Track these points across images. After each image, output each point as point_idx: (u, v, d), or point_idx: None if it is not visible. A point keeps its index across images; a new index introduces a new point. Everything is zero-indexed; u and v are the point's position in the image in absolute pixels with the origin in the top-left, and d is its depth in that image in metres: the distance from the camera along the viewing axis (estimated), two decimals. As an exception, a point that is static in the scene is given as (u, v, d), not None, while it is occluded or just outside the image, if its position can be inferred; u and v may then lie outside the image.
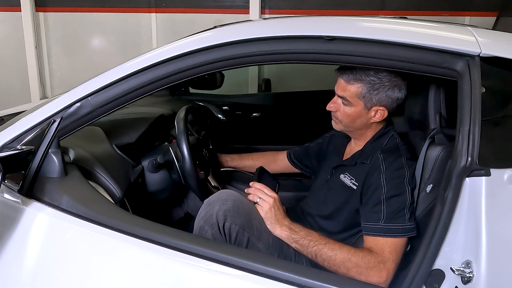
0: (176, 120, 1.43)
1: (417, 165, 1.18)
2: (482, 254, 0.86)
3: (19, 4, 3.83)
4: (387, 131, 1.32)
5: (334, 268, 1.13)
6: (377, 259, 1.10)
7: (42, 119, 1.06)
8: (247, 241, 1.20)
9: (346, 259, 1.11)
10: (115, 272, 0.95)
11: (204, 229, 1.17)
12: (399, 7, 3.57)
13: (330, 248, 1.14)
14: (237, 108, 2.49)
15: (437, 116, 1.15)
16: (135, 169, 1.37)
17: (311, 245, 1.17)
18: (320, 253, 1.15)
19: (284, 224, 1.22)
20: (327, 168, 1.45)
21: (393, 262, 1.10)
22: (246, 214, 1.21)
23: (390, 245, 1.11)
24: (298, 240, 1.19)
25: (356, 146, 1.37)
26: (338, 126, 1.34)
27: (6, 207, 1.02)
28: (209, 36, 1.09)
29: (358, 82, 1.22)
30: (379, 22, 1.16)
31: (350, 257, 1.11)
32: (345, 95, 1.25)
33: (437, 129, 1.14)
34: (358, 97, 1.24)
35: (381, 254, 1.11)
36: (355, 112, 1.27)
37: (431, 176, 1.13)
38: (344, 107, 1.28)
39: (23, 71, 4.01)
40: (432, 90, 1.16)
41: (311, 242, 1.17)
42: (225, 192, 1.24)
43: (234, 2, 3.74)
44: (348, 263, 1.11)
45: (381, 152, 1.24)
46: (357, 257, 1.11)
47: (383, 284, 1.09)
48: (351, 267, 1.11)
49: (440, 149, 1.11)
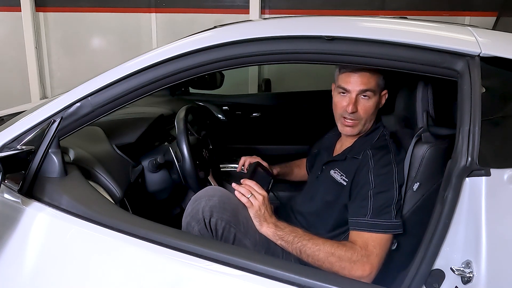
0: (176, 120, 1.43)
1: (404, 163, 1.19)
2: (482, 254, 0.86)
3: (19, 4, 3.83)
4: (377, 127, 1.33)
5: (319, 264, 1.13)
6: (360, 253, 1.11)
7: (42, 119, 1.06)
8: (233, 237, 1.20)
9: (329, 254, 1.12)
10: (115, 272, 0.95)
11: (191, 225, 1.17)
12: (399, 7, 3.57)
13: (314, 243, 1.15)
14: (237, 108, 2.49)
15: (424, 114, 1.16)
16: (135, 169, 1.37)
17: (295, 241, 1.17)
18: (304, 249, 1.15)
19: (270, 222, 1.23)
20: (318, 165, 1.46)
21: (377, 256, 1.11)
22: (233, 210, 1.21)
23: (374, 239, 1.12)
24: (283, 236, 1.19)
25: (347, 142, 1.38)
26: (356, 129, 1.30)
27: (6, 207, 1.02)
28: (209, 36, 1.09)
29: (376, 70, 1.23)
30: (379, 22, 1.16)
31: (333, 251, 1.12)
32: (370, 86, 1.25)
33: (424, 128, 1.14)
34: (378, 84, 1.26)
35: (364, 248, 1.11)
36: (374, 102, 1.28)
37: (418, 174, 1.13)
38: (365, 102, 1.26)
39: (23, 71, 4.01)
40: (420, 88, 1.17)
41: (296, 238, 1.18)
42: (212, 188, 1.25)
43: (234, 2, 3.74)
44: (331, 258, 1.11)
45: (371, 149, 1.25)
46: (340, 251, 1.12)
47: (367, 278, 1.09)
48: (334, 262, 1.11)
49: (426, 147, 1.11)
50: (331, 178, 1.32)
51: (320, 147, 1.57)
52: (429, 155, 1.11)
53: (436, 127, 1.15)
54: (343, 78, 1.27)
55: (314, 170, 1.49)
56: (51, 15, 3.96)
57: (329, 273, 1.11)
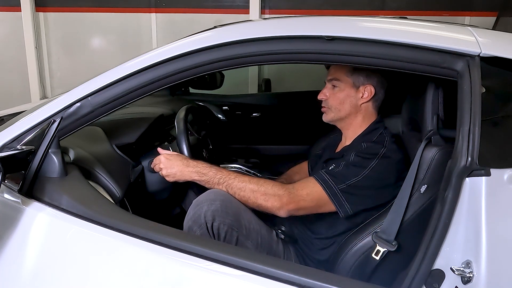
0: (176, 120, 1.43)
1: (412, 165, 1.19)
2: (482, 254, 0.86)
3: (19, 4, 3.83)
4: (376, 128, 1.34)
5: (245, 199, 1.20)
6: (289, 189, 1.17)
7: (42, 119, 1.06)
8: (236, 240, 1.20)
9: (255, 189, 1.19)
10: (115, 272, 0.95)
11: (193, 229, 1.17)
12: (399, 7, 3.57)
13: (240, 180, 1.22)
14: (237, 108, 2.49)
15: (434, 117, 1.15)
16: (135, 169, 1.37)
17: (222, 181, 1.22)
18: (231, 186, 1.21)
19: (190, 165, 1.26)
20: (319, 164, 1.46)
21: (304, 202, 1.17)
22: (235, 214, 1.21)
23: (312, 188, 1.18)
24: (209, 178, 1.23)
25: (346, 141, 1.39)
26: (328, 116, 1.37)
27: (6, 207, 1.02)
28: (209, 36, 1.09)
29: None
30: (379, 22, 1.16)
31: (259, 188, 1.19)
32: (335, 76, 1.32)
33: (434, 130, 1.14)
34: (347, 75, 1.30)
35: (298, 189, 1.18)
36: (345, 93, 1.32)
37: (426, 177, 1.13)
38: (334, 91, 1.33)
39: (23, 71, 4.00)
40: (431, 91, 1.16)
41: (222, 177, 1.23)
42: (213, 192, 1.24)
43: (234, 2, 3.74)
44: (257, 193, 1.19)
45: (365, 141, 1.29)
46: (266, 186, 1.18)
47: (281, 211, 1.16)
48: (259, 196, 1.18)
49: (436, 150, 1.11)
50: None
51: (323, 148, 1.58)
52: (438, 157, 1.10)
53: (445, 129, 1.15)
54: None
55: (315, 170, 1.49)
56: (51, 15, 3.96)
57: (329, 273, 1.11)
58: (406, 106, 1.35)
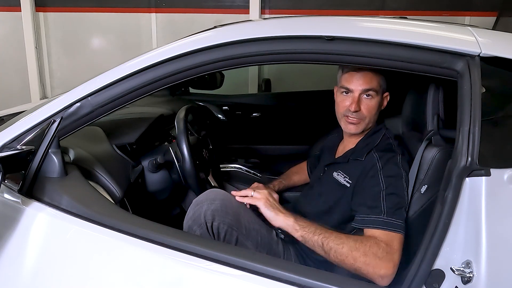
0: (176, 120, 1.43)
1: (413, 166, 1.18)
2: (482, 254, 0.86)
3: (19, 4, 3.84)
4: (378, 129, 1.32)
5: (341, 258, 1.08)
6: (385, 250, 1.06)
7: (42, 119, 1.06)
8: (236, 240, 1.20)
9: (354, 248, 1.07)
10: (115, 272, 0.95)
11: (193, 229, 1.17)
12: (399, 7, 3.57)
13: (337, 236, 1.10)
14: (237, 108, 2.49)
15: (435, 117, 1.15)
16: (135, 169, 1.37)
17: (317, 232, 1.12)
18: (327, 241, 1.10)
19: (287, 212, 1.19)
20: (320, 166, 1.45)
21: (400, 256, 1.07)
22: (235, 213, 1.20)
23: (397, 238, 1.09)
24: (305, 227, 1.14)
25: (349, 144, 1.36)
26: (360, 127, 1.29)
27: (6, 207, 1.02)
28: (209, 36, 1.09)
29: (378, 71, 1.24)
30: (379, 22, 1.16)
31: (358, 246, 1.07)
32: (373, 86, 1.25)
33: (434, 131, 1.14)
34: (380, 84, 1.26)
35: (390, 245, 1.07)
36: (377, 102, 1.28)
37: (426, 177, 1.13)
38: (368, 101, 1.26)
39: (23, 71, 4.01)
40: (431, 91, 1.16)
41: (317, 229, 1.12)
42: (213, 192, 1.23)
43: (234, 2, 3.74)
44: (355, 252, 1.06)
45: (376, 151, 1.24)
46: (365, 246, 1.07)
47: (389, 277, 1.05)
48: (358, 257, 1.06)
49: (436, 150, 1.11)
50: (334, 180, 1.31)
51: (322, 148, 1.57)
52: (439, 158, 1.10)
53: (446, 130, 1.15)
54: (346, 78, 1.27)
55: (316, 171, 1.49)
56: (51, 15, 3.96)
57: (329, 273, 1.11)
58: (406, 106, 1.35)
